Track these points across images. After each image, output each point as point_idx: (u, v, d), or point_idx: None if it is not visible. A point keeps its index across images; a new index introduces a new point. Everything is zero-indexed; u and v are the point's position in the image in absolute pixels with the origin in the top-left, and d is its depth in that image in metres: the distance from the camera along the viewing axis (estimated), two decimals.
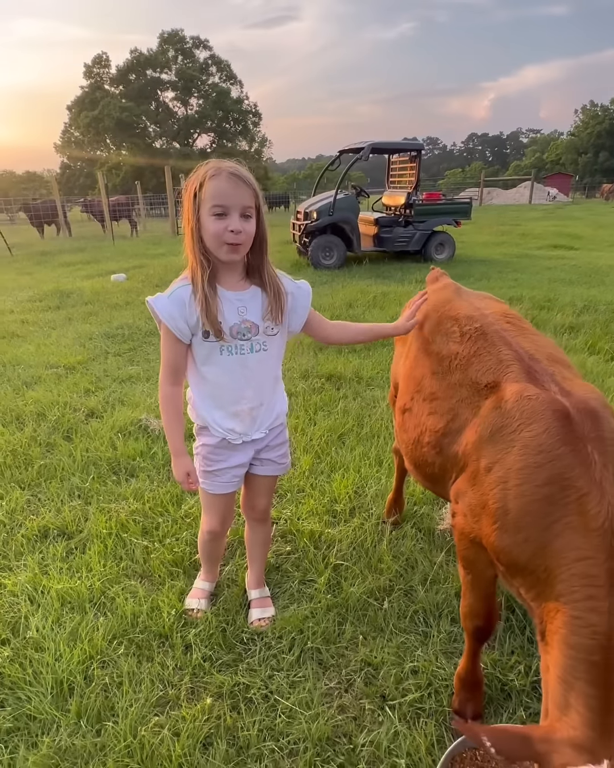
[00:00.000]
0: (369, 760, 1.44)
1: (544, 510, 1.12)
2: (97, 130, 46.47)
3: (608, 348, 4.52)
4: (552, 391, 1.23)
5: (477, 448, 1.30)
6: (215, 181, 1.38)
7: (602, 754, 0.91)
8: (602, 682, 0.98)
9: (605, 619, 1.00)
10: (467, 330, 1.48)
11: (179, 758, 1.44)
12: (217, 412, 1.61)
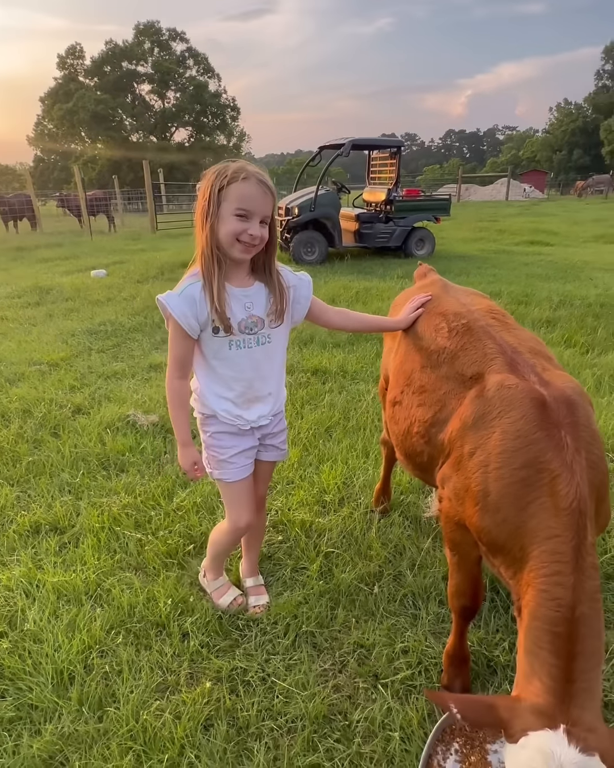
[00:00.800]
0: (365, 734, 1.51)
1: (521, 492, 1.20)
2: (72, 123, 45.55)
3: (583, 341, 4.67)
4: (531, 381, 1.31)
5: (461, 434, 1.37)
6: (244, 185, 1.43)
7: (560, 719, 0.99)
8: (564, 652, 1.05)
9: (569, 593, 1.07)
10: (454, 326, 1.55)
11: (181, 739, 1.49)
12: (226, 402, 1.66)
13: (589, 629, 1.07)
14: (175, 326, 1.53)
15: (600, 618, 1.11)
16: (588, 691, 1.03)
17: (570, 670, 1.04)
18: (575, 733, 0.96)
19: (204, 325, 1.55)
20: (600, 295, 6.31)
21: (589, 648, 1.06)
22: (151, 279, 8.05)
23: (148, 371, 4.35)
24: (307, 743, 1.48)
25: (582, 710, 1.01)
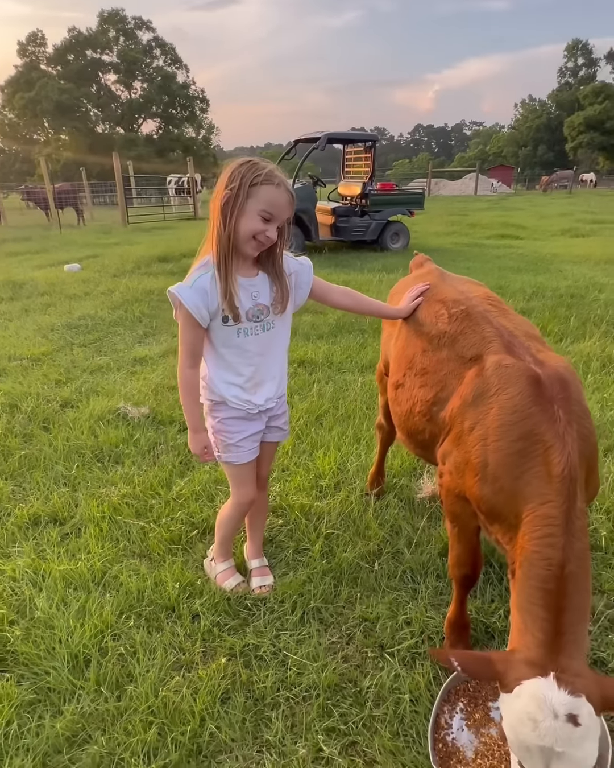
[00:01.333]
0: (375, 699, 1.60)
1: (517, 462, 1.29)
2: (34, 113, 44.17)
3: (557, 330, 4.86)
4: (527, 361, 1.40)
5: (462, 411, 1.47)
6: (276, 191, 1.49)
7: (550, 668, 1.09)
8: (554, 607, 1.15)
9: (560, 553, 1.17)
10: (454, 312, 1.64)
11: (201, 712, 1.54)
12: (236, 388, 1.71)
13: (576, 586, 1.17)
14: (187, 317, 1.58)
15: (587, 576, 1.21)
16: (576, 642, 1.14)
17: (559, 624, 1.13)
18: (564, 679, 1.07)
19: (214, 315, 1.60)
20: (569, 287, 6.54)
21: (576, 603, 1.16)
22: (127, 273, 7.95)
23: (133, 365, 4.33)
24: (322, 709, 1.56)
25: (571, 659, 1.11)
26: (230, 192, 1.49)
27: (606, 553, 2.13)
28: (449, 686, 1.58)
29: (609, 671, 1.66)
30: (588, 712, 1.03)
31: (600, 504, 2.38)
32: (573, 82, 62.20)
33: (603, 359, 4.15)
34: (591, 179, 38.77)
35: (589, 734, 1.02)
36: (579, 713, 1.02)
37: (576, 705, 1.03)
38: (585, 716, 1.02)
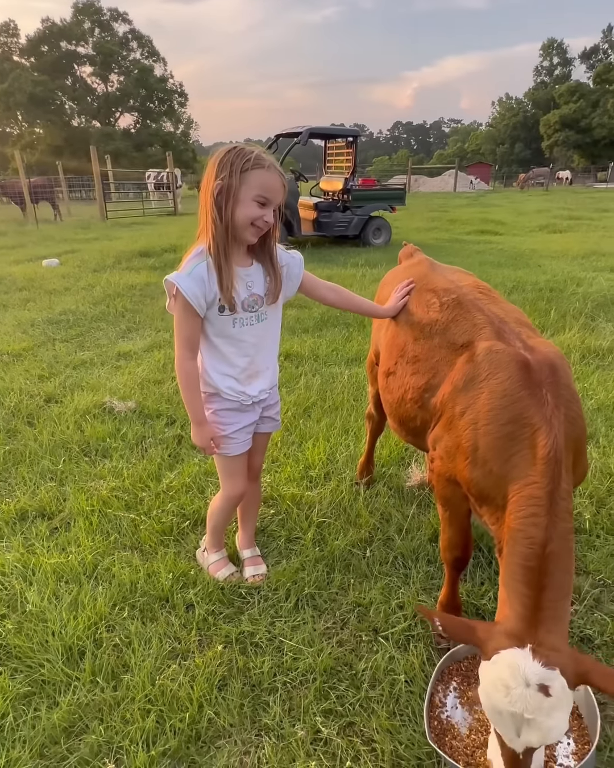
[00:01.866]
0: (371, 681, 1.62)
1: (506, 445, 1.32)
2: (7, 105, 43.08)
3: (538, 323, 4.94)
4: (517, 347, 1.43)
5: (453, 396, 1.49)
6: (267, 174, 1.48)
7: (527, 641, 1.14)
8: (535, 584, 1.19)
9: (542, 532, 1.21)
10: (445, 301, 1.66)
11: (199, 699, 1.55)
12: (230, 379, 1.71)
13: (557, 565, 1.20)
14: (185, 306, 1.57)
15: (569, 556, 1.24)
16: (555, 618, 1.18)
17: (539, 600, 1.18)
18: (539, 651, 1.11)
19: (211, 304, 1.60)
20: (549, 281, 6.66)
21: (558, 581, 1.20)
22: (108, 268, 7.84)
23: (117, 359, 4.29)
24: (318, 692, 1.58)
25: (549, 633, 1.15)
26: (222, 182, 1.48)
27: (590, 536, 2.19)
28: (443, 666, 1.61)
29: (595, 648, 1.72)
30: (561, 684, 1.07)
31: (584, 489, 2.44)
32: (549, 81, 63.12)
33: (582, 350, 4.25)
34: (566, 177, 39.44)
35: (560, 705, 1.06)
36: (551, 684, 1.07)
37: (548, 676, 1.07)
38: (556, 688, 1.06)
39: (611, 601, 1.90)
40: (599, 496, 2.41)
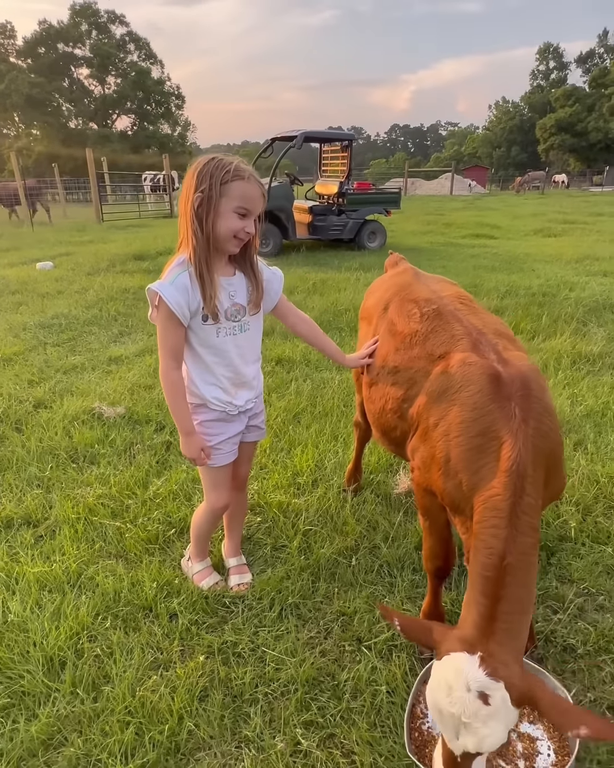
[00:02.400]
0: (353, 691, 1.62)
1: (475, 457, 1.33)
2: (4, 107, 43.05)
3: (530, 328, 4.96)
4: (491, 359, 1.44)
5: (428, 408, 1.50)
6: (246, 185, 1.49)
7: (478, 649, 1.15)
8: (491, 594, 1.20)
9: (502, 544, 1.22)
10: (426, 311, 1.67)
11: (179, 710, 1.54)
12: (216, 390, 1.71)
13: (514, 578, 1.21)
14: (169, 315, 1.57)
15: (529, 571, 1.25)
16: (509, 631, 1.19)
17: (494, 611, 1.19)
18: (487, 661, 1.13)
19: (194, 313, 1.60)
20: (542, 285, 6.68)
21: (514, 594, 1.20)
22: (102, 271, 7.83)
23: (108, 364, 4.28)
24: (299, 704, 1.57)
25: (500, 646, 1.16)
26: (202, 194, 1.48)
27: (575, 544, 2.19)
28: (424, 677, 1.60)
29: (578, 657, 1.72)
30: (502, 697, 1.08)
31: (570, 496, 2.45)
32: (545, 84, 63.42)
33: (573, 356, 4.26)
34: (562, 180, 39.62)
35: (497, 716, 1.08)
36: (491, 694, 1.08)
37: (490, 686, 1.09)
38: (497, 699, 1.08)
39: (595, 610, 1.90)
40: (585, 503, 2.41)
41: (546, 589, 1.97)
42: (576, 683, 1.64)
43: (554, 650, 1.74)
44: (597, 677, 1.65)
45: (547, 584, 1.99)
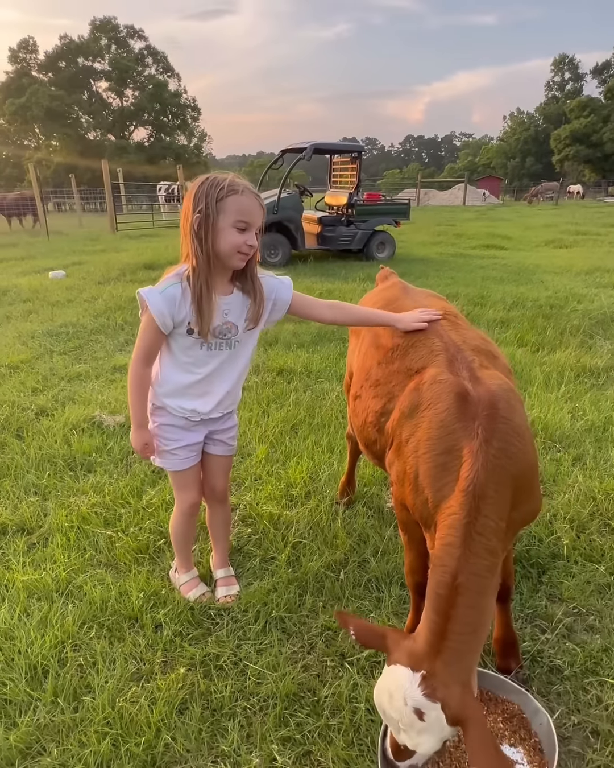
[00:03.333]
0: (332, 708, 1.60)
1: (439, 474, 1.33)
2: (25, 119, 44.13)
3: (534, 340, 4.93)
4: (461, 377, 1.43)
5: (400, 423, 1.50)
6: (244, 198, 1.50)
7: (423, 666, 1.17)
8: (442, 611, 1.20)
9: (454, 562, 1.21)
10: None
11: (157, 723, 1.54)
12: (182, 397, 1.73)
13: (466, 599, 1.20)
14: (150, 321, 1.59)
15: (481, 593, 1.22)
16: (456, 651, 1.18)
17: (444, 629, 1.19)
18: (428, 681, 1.14)
19: (178, 324, 1.62)
20: (549, 297, 6.64)
21: (463, 615, 1.19)
22: (112, 280, 7.95)
23: (112, 372, 4.33)
24: (278, 719, 1.56)
25: (445, 665, 1.16)
26: (200, 214, 1.50)
27: (568, 562, 2.16)
28: None
29: (564, 679, 1.68)
30: (437, 716, 1.11)
31: (564, 513, 2.41)
32: (560, 95, 63.38)
33: (577, 369, 4.22)
34: (578, 191, 39.43)
35: (430, 730, 1.13)
36: (426, 712, 1.11)
37: (425, 705, 1.12)
38: (431, 717, 1.11)
39: (584, 630, 1.87)
40: (580, 520, 2.38)
41: (536, 608, 1.94)
42: (561, 705, 1.61)
43: (540, 671, 1.72)
44: (582, 700, 1.62)
45: (537, 603, 1.97)
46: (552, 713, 1.57)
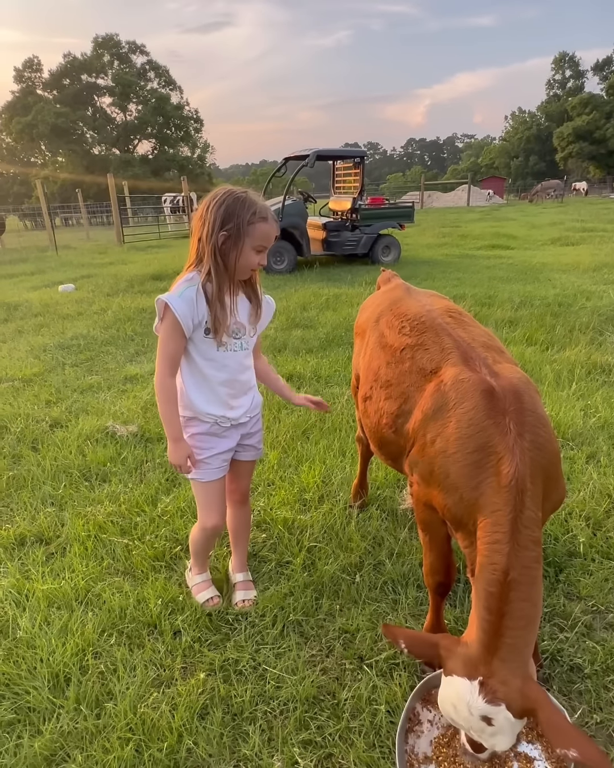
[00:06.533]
0: (353, 711, 1.61)
1: (473, 473, 1.34)
2: (31, 137, 44.91)
3: (543, 339, 4.91)
4: (483, 374, 1.44)
5: (424, 425, 1.51)
6: (267, 226, 1.61)
7: (480, 671, 1.17)
8: (496, 610, 1.20)
9: (504, 559, 1.22)
10: (415, 325, 1.69)
11: (179, 728, 1.55)
12: (210, 404, 1.76)
13: (519, 593, 1.21)
14: (173, 325, 1.64)
15: (532, 585, 1.24)
16: (513, 646, 1.19)
17: (499, 626, 1.19)
18: (488, 686, 1.14)
19: (197, 326, 1.67)
20: (557, 295, 6.61)
21: (518, 609, 1.20)
22: (121, 292, 8.04)
23: (123, 383, 4.38)
24: (299, 722, 1.57)
25: (502, 662, 1.17)
26: (227, 233, 1.58)
27: (584, 560, 2.15)
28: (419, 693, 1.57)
29: (585, 677, 1.67)
30: (505, 717, 1.12)
31: (580, 510, 2.40)
32: (562, 93, 63.26)
33: (588, 366, 4.19)
34: (583, 188, 39.25)
35: (502, 731, 1.13)
36: (494, 717, 1.12)
37: (491, 711, 1.12)
38: (500, 719, 1.11)
39: (604, 628, 1.85)
40: (596, 518, 2.36)
41: (553, 606, 1.93)
42: (583, 704, 1.60)
43: (560, 670, 1.71)
44: (605, 698, 1.61)
45: (554, 601, 1.95)
46: (573, 712, 1.56)
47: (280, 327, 5.61)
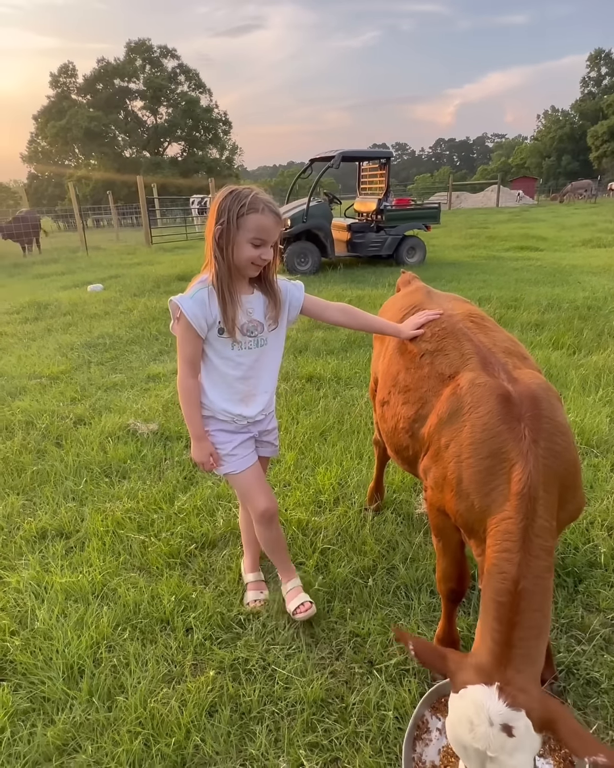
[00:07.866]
0: (360, 715, 1.60)
1: (486, 479, 1.31)
2: (65, 140, 46.12)
3: (570, 343, 4.79)
4: (501, 379, 1.42)
5: (438, 429, 1.49)
6: (262, 217, 1.58)
7: (495, 678, 1.12)
8: (506, 620, 1.16)
9: (515, 568, 1.19)
10: (436, 331, 1.67)
11: (187, 724, 1.57)
12: (227, 402, 1.78)
13: (530, 603, 1.17)
14: (187, 326, 1.66)
15: (544, 595, 1.20)
16: (526, 657, 1.15)
17: (510, 637, 1.15)
18: (506, 691, 1.09)
19: (210, 326, 1.69)
20: (587, 298, 6.45)
21: (528, 620, 1.17)
22: (147, 292, 8.18)
23: (146, 382, 4.45)
24: (306, 724, 1.57)
25: (517, 673, 1.13)
26: (221, 226, 1.59)
27: (605, 571, 2.09)
28: (428, 701, 1.55)
29: (602, 692, 1.63)
30: (525, 725, 1.05)
31: (602, 519, 2.34)
32: (597, 91, 61.69)
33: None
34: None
35: (523, 746, 1.05)
36: (514, 725, 1.05)
37: (512, 717, 1.05)
38: (520, 729, 1.04)
39: None
40: None
41: (571, 618, 1.89)
42: (599, 719, 1.56)
43: (576, 683, 1.66)
44: None
45: (573, 613, 1.91)
46: (588, 728, 1.52)
47: (301, 328, 5.62)
